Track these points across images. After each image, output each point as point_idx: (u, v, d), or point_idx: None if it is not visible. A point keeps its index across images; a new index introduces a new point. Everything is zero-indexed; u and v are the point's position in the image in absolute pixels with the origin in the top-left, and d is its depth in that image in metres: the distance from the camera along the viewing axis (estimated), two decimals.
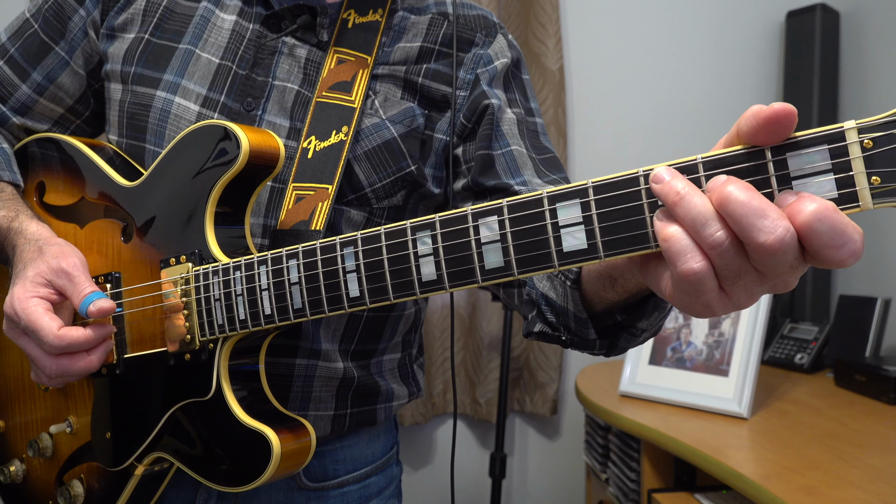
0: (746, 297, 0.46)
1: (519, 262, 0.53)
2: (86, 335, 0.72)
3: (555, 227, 0.52)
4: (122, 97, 0.87)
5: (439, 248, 0.57)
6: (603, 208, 0.49)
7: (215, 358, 0.73)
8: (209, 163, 0.74)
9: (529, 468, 2.26)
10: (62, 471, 0.85)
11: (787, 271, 0.43)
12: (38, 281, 0.73)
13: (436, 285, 0.58)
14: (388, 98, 0.86)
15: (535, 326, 0.74)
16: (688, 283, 0.45)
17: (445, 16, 0.91)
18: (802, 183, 0.43)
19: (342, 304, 0.64)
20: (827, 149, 0.43)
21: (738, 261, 0.44)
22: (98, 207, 0.84)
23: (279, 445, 0.70)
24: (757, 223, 0.41)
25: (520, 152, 0.86)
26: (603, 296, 0.63)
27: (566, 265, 0.52)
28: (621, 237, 0.49)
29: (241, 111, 0.83)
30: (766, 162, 0.44)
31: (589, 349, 0.69)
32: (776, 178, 0.44)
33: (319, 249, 0.65)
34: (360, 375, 0.89)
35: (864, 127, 0.42)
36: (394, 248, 0.60)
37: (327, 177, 0.81)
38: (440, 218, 0.57)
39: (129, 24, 0.88)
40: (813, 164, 0.43)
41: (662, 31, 2.17)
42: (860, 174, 0.42)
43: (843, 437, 1.29)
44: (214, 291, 0.72)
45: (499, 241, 0.54)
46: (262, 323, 0.69)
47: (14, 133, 0.94)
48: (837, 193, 0.43)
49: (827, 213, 0.41)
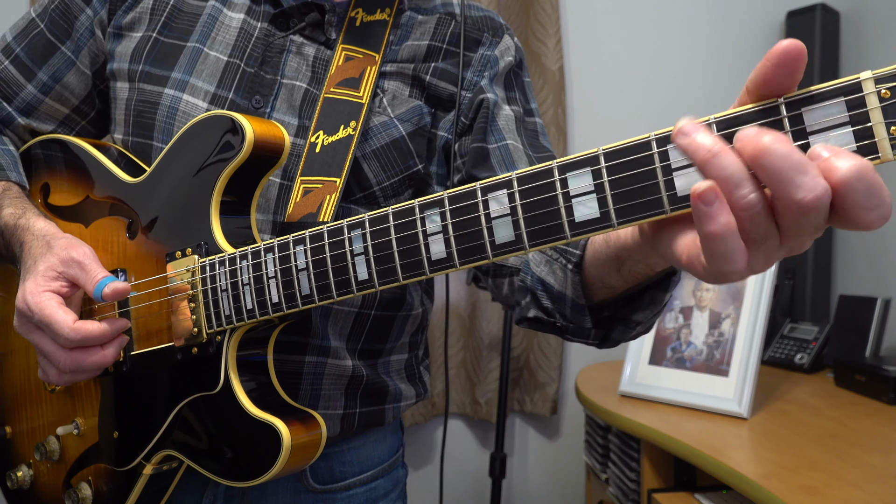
0: (765, 261, 0.44)
1: (530, 235, 0.52)
2: (101, 328, 0.71)
3: (566, 196, 0.50)
4: (128, 95, 0.87)
5: (448, 224, 0.56)
6: (614, 175, 0.48)
7: (223, 350, 0.72)
8: (214, 153, 0.74)
9: (529, 468, 2.26)
10: (70, 474, 0.84)
11: (810, 232, 0.42)
12: (50, 274, 0.73)
13: (446, 263, 0.57)
14: (396, 96, 0.86)
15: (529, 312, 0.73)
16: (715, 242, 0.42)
17: (453, 16, 0.91)
18: (820, 137, 0.42)
19: (350, 288, 0.63)
20: (843, 101, 0.41)
21: (766, 224, 0.42)
22: (103, 206, 0.84)
23: (289, 437, 0.69)
24: (797, 179, 0.39)
25: (515, 147, 0.86)
26: (606, 281, 0.62)
27: (578, 235, 0.50)
28: (634, 203, 0.48)
29: (250, 108, 0.83)
30: (781, 118, 0.43)
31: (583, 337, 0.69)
32: (792, 133, 0.43)
33: (327, 233, 0.64)
34: (369, 374, 0.89)
35: (881, 77, 0.41)
36: (402, 227, 0.59)
37: (335, 170, 0.81)
38: (448, 195, 0.56)
39: (137, 22, 0.88)
40: (830, 117, 0.42)
41: (662, 31, 2.17)
42: (879, 125, 0.41)
43: (843, 437, 1.29)
44: (221, 282, 0.71)
45: (509, 215, 0.53)
46: (270, 311, 0.68)
47: (19, 134, 0.94)
48: (856, 146, 0.41)
49: (866, 171, 0.39)
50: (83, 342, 0.71)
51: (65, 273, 0.73)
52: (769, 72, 0.42)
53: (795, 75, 0.42)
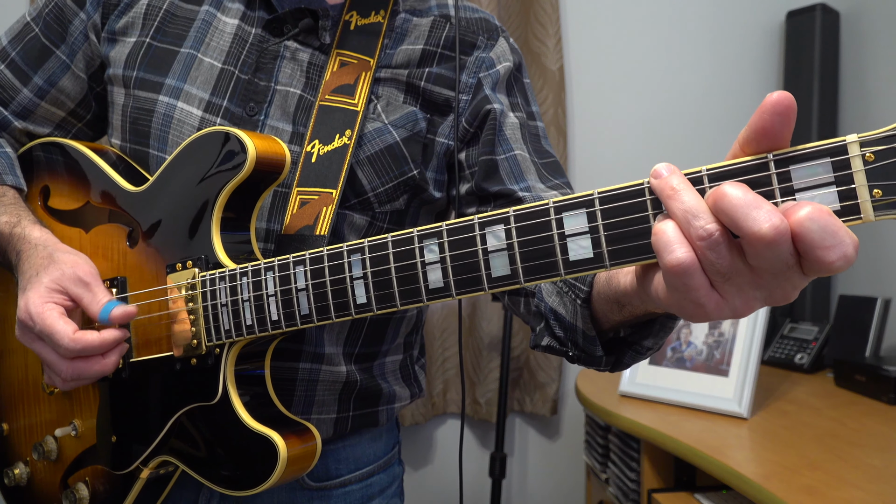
0: (742, 301, 0.45)
1: (525, 271, 0.54)
2: (101, 338, 0.72)
3: (561, 236, 0.52)
4: (124, 101, 0.87)
5: (446, 255, 0.58)
6: (608, 218, 0.50)
7: (221, 363, 0.73)
8: (216, 169, 0.75)
9: (529, 468, 2.26)
10: (67, 474, 0.85)
11: (783, 270, 0.43)
12: (54, 287, 0.74)
13: (443, 293, 0.58)
14: (390, 102, 0.86)
15: (543, 340, 0.74)
16: (674, 275, 0.44)
17: (447, 18, 0.91)
18: (806, 195, 0.44)
19: (349, 311, 0.64)
20: (829, 161, 0.43)
21: (729, 256, 0.44)
22: (103, 212, 0.84)
23: (285, 450, 0.70)
24: (751, 213, 0.41)
25: (523, 157, 0.86)
26: (611, 318, 0.64)
27: (572, 274, 0.52)
28: (627, 246, 0.49)
29: (244, 116, 0.83)
30: (770, 174, 0.45)
31: (595, 365, 0.70)
32: (780, 189, 0.44)
33: (326, 256, 0.65)
34: (363, 378, 0.90)
35: (866, 140, 0.42)
36: (401, 255, 0.60)
37: (331, 181, 0.81)
38: (447, 226, 0.58)
39: (130, 27, 0.87)
40: (816, 177, 0.44)
41: (662, 31, 2.17)
42: (862, 187, 0.42)
43: (843, 437, 1.29)
44: (221, 297, 0.72)
45: (505, 250, 0.55)
46: (269, 329, 0.69)
47: (16, 137, 0.94)
48: (840, 205, 0.43)
49: (820, 213, 0.41)
50: (83, 352, 0.72)
51: (69, 290, 0.74)
52: (766, 121, 0.43)
53: (790, 125, 0.44)
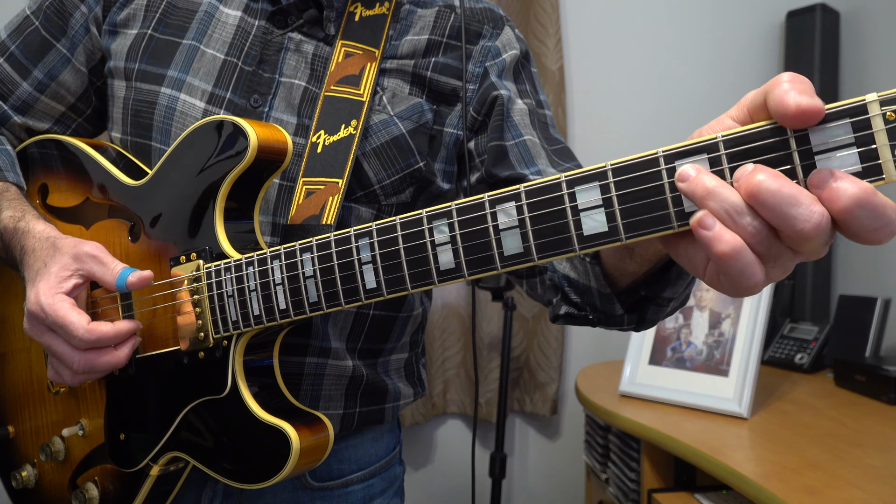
0: (781, 272, 0.47)
1: (539, 248, 0.53)
2: (115, 329, 0.72)
3: (574, 210, 0.51)
4: (125, 94, 0.86)
5: (457, 235, 0.57)
6: (622, 190, 0.49)
7: (230, 355, 0.72)
8: (217, 159, 0.74)
9: (529, 468, 2.26)
10: (75, 474, 0.84)
11: (820, 248, 0.44)
12: (63, 274, 0.73)
13: (454, 273, 0.57)
14: (396, 94, 0.86)
15: (561, 309, 0.73)
16: (730, 261, 0.44)
17: (452, 8, 0.90)
18: (825, 157, 0.43)
19: (359, 296, 0.63)
20: (850, 122, 0.42)
21: (777, 245, 0.44)
22: (103, 208, 0.84)
23: (298, 441, 0.69)
24: (791, 212, 0.41)
25: (532, 142, 0.86)
26: (623, 267, 0.63)
27: (587, 249, 0.51)
28: (642, 218, 0.48)
29: (248, 108, 0.83)
30: (787, 138, 0.44)
31: (617, 325, 0.69)
32: (798, 153, 0.44)
33: (334, 242, 0.64)
34: (369, 374, 0.90)
35: (887, 99, 0.41)
36: (410, 237, 0.59)
37: (337, 171, 0.80)
38: (457, 206, 0.57)
39: (132, 19, 0.87)
40: (836, 139, 0.42)
41: (662, 31, 2.17)
42: (884, 147, 0.41)
43: (843, 437, 1.29)
44: (227, 288, 0.71)
45: (517, 227, 0.54)
46: (278, 318, 0.68)
47: (15, 133, 0.93)
48: (861, 167, 0.42)
49: (868, 198, 0.40)
50: (97, 343, 0.71)
51: (80, 269, 0.73)
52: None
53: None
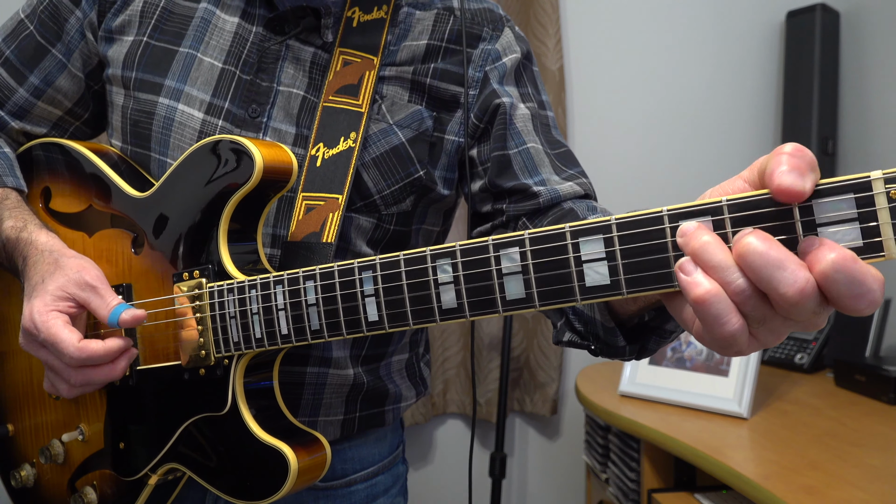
0: (774, 338, 0.46)
1: (541, 295, 0.53)
2: (105, 347, 0.72)
3: (577, 261, 0.51)
4: (124, 103, 0.85)
5: (460, 276, 0.57)
6: (626, 244, 0.49)
7: (230, 374, 0.72)
8: (223, 179, 0.74)
9: (529, 468, 2.26)
10: (74, 477, 0.84)
11: (810, 316, 0.43)
12: (59, 295, 0.73)
13: (456, 313, 0.58)
14: (395, 102, 0.85)
15: (565, 336, 0.74)
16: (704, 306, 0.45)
17: (451, 11, 0.89)
18: (828, 230, 0.43)
19: (360, 328, 0.63)
20: (853, 197, 0.42)
21: (763, 307, 0.44)
22: (106, 216, 0.83)
23: (296, 462, 0.70)
24: (776, 275, 0.42)
25: (536, 149, 0.85)
26: (626, 308, 0.63)
27: (588, 300, 0.51)
28: (644, 275, 0.49)
29: (246, 118, 0.82)
30: (791, 208, 0.44)
31: (619, 356, 0.69)
32: (801, 223, 0.44)
33: (337, 272, 0.64)
34: (370, 380, 0.89)
35: (891, 177, 0.41)
36: (413, 274, 0.59)
37: (337, 186, 0.80)
38: (461, 247, 0.57)
39: (127, 26, 0.86)
40: (839, 212, 0.43)
41: (662, 31, 2.17)
42: (885, 224, 0.42)
43: (843, 437, 1.29)
44: (230, 308, 0.71)
45: (520, 273, 0.54)
46: (279, 342, 0.69)
47: (13, 137, 0.93)
48: (863, 242, 0.42)
49: (845, 263, 0.40)
50: (87, 361, 0.71)
51: (76, 296, 0.73)
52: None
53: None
